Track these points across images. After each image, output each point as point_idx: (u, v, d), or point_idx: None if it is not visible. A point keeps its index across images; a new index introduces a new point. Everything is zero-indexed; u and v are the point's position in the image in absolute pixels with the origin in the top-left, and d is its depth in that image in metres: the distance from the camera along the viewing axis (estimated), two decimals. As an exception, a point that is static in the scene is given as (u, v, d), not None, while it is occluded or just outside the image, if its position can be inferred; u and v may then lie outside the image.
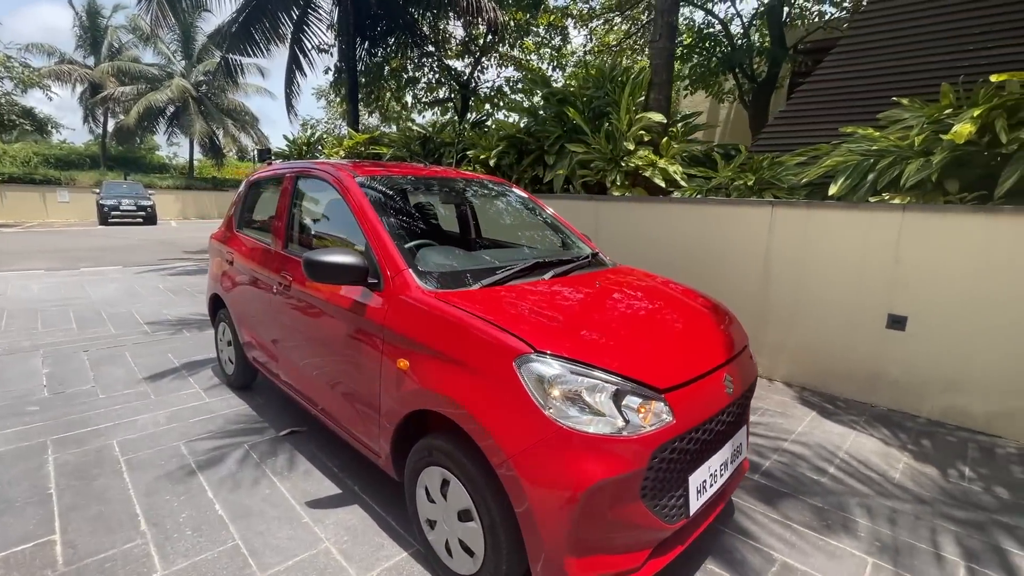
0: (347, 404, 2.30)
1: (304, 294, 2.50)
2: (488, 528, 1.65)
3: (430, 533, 1.94)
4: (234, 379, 3.58)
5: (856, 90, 5.16)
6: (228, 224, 3.59)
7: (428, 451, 1.85)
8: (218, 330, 3.76)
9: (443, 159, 7.37)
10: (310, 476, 2.59)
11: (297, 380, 2.74)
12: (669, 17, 5.71)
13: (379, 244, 2.15)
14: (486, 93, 13.64)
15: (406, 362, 1.89)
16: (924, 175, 3.69)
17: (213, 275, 3.69)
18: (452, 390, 1.70)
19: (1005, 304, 3.17)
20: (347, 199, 2.39)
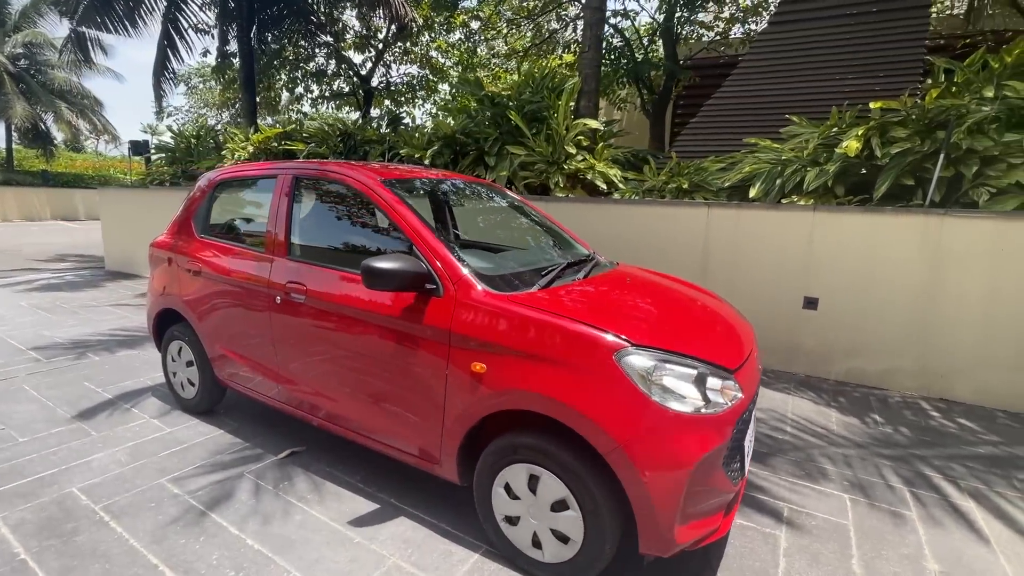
0: (390, 414, 2.25)
1: (329, 304, 2.37)
2: (590, 514, 1.77)
3: (510, 529, 2.00)
4: (197, 403, 3.20)
5: (755, 106, 6.03)
6: (182, 229, 3.18)
7: (511, 450, 1.92)
8: (168, 351, 3.32)
9: (369, 157, 7.10)
10: (339, 495, 2.46)
11: (305, 394, 2.58)
12: (597, 30, 6.14)
13: (430, 249, 2.14)
14: (395, 88, 13.24)
15: (482, 365, 1.93)
16: (822, 181, 4.49)
17: (162, 289, 3.24)
18: (547, 388, 1.79)
19: (887, 284, 4.01)
20: (380, 203, 2.33)
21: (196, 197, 3.17)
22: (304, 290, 2.46)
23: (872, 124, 4.34)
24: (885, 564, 2.11)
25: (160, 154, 9.08)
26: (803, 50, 5.72)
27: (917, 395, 3.99)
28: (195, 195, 3.18)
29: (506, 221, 3.34)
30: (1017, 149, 3.85)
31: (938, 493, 2.63)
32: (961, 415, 3.65)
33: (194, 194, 3.20)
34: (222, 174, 3.12)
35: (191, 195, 3.23)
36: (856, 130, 4.37)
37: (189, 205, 3.20)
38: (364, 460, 2.77)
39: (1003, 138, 3.87)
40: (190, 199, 3.22)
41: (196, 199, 3.16)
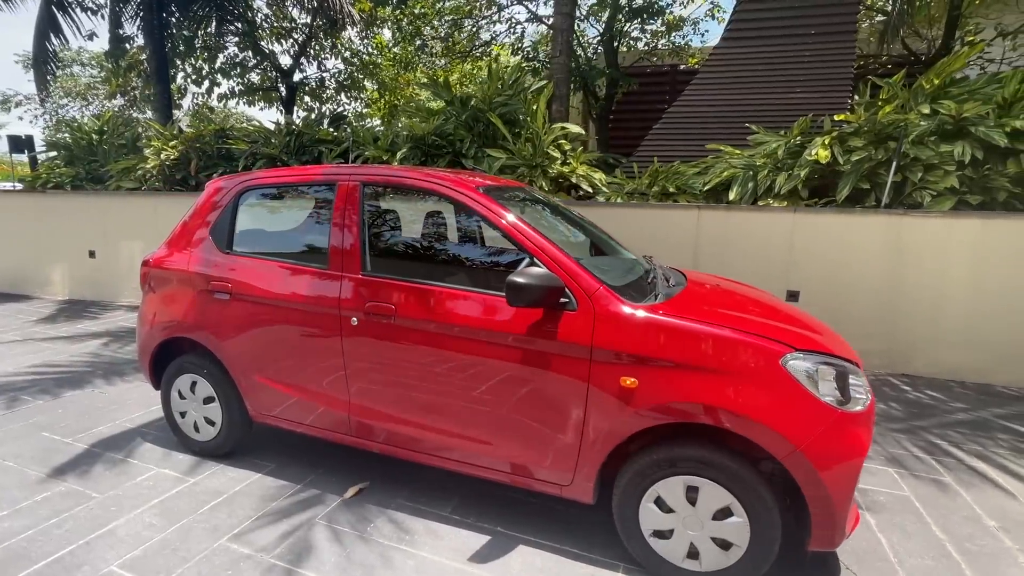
0: (507, 438, 2.12)
1: (429, 324, 2.16)
2: (758, 518, 1.80)
3: (660, 543, 1.97)
4: (217, 445, 2.77)
5: (713, 115, 6.48)
6: (196, 245, 2.71)
7: (668, 463, 1.89)
8: (174, 387, 2.83)
9: (323, 159, 6.58)
10: (436, 532, 2.26)
11: (387, 424, 2.34)
12: (567, 35, 6.22)
13: (556, 261, 2.04)
14: (324, 84, 12.37)
15: (634, 380, 1.88)
16: (792, 185, 4.95)
17: (167, 315, 2.75)
18: (713, 398, 1.79)
19: (858, 276, 4.53)
20: (487, 215, 2.16)
21: (213, 207, 2.72)
22: (392, 310, 2.22)
23: (835, 134, 4.87)
24: (957, 527, 2.38)
25: (51, 152, 7.68)
26: (754, 64, 6.27)
27: (885, 373, 4.55)
28: (211, 204, 2.73)
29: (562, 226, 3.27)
30: (950, 158, 4.53)
31: (954, 459, 3.03)
32: (925, 387, 4.22)
33: (209, 203, 2.74)
34: (250, 180, 2.70)
35: (203, 204, 2.76)
36: (822, 139, 4.87)
37: (203, 216, 2.73)
38: (444, 489, 2.57)
39: (940, 149, 4.53)
40: (203, 209, 2.75)
41: (214, 209, 2.71)
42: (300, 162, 6.65)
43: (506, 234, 2.14)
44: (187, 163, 6.77)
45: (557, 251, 2.07)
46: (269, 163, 6.65)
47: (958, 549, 2.22)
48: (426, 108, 6.41)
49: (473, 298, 2.14)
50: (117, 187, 6.92)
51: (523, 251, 2.12)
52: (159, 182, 6.77)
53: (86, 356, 4.53)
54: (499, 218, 2.16)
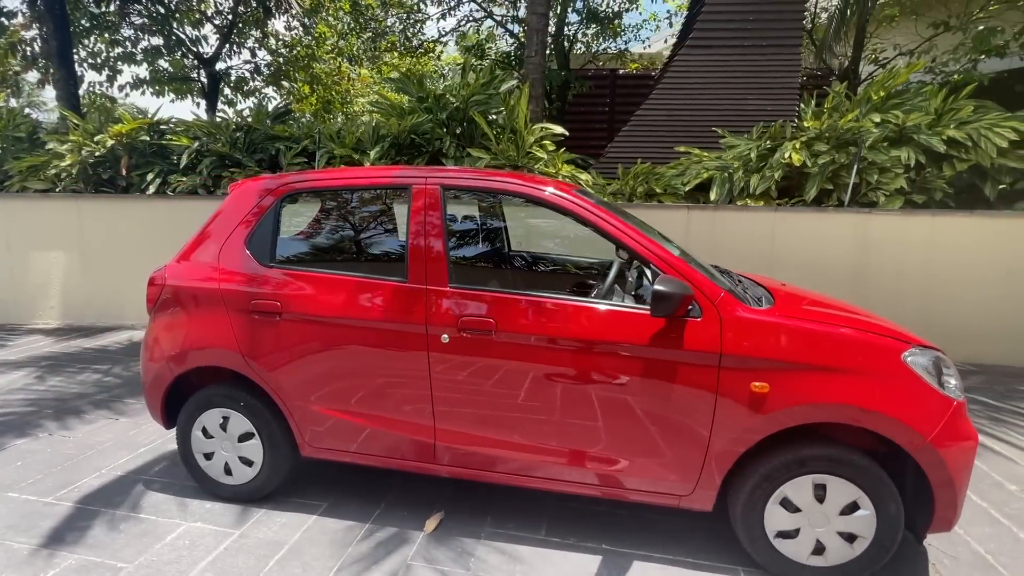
0: (629, 452, 2.04)
1: (537, 338, 2.02)
2: (886, 510, 1.88)
3: (785, 543, 1.99)
4: (255, 487, 2.41)
5: (679, 119, 6.77)
6: (227, 258, 2.32)
7: (797, 463, 1.92)
8: (197, 424, 2.41)
9: (282, 157, 6.02)
10: (548, 558, 2.13)
11: (481, 448, 2.16)
12: (542, 35, 6.19)
13: (677, 267, 1.99)
14: (254, 75, 11.32)
15: (764, 385, 1.88)
16: (766, 185, 5.30)
17: (189, 342, 2.33)
18: (845, 397, 1.84)
19: (831, 269, 4.95)
20: (597, 223, 2.06)
21: (247, 213, 2.34)
22: (492, 324, 2.05)
23: (803, 139, 5.27)
24: (988, 491, 2.66)
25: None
26: (714, 71, 6.63)
27: (854, 356, 5.02)
28: (243, 210, 2.35)
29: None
30: (898, 162, 5.08)
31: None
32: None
33: (240, 209, 2.35)
34: (296, 182, 2.35)
35: (232, 210, 2.37)
36: (792, 144, 5.25)
37: (233, 224, 2.34)
38: (525, 511, 2.43)
39: (890, 154, 5.07)
40: (232, 216, 2.36)
41: (248, 216, 2.34)
42: (255, 161, 6.03)
43: (617, 239, 2.06)
44: (115, 161, 5.87)
45: (674, 257, 2.02)
46: (219, 161, 5.96)
47: (1002, 515, 2.48)
48: (399, 105, 6.07)
49: (586, 309, 2.04)
50: (22, 188, 5.84)
51: (636, 257, 2.05)
52: (80, 183, 5.81)
53: (16, 394, 3.77)
54: (611, 225, 2.07)
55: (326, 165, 5.90)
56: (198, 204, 5.74)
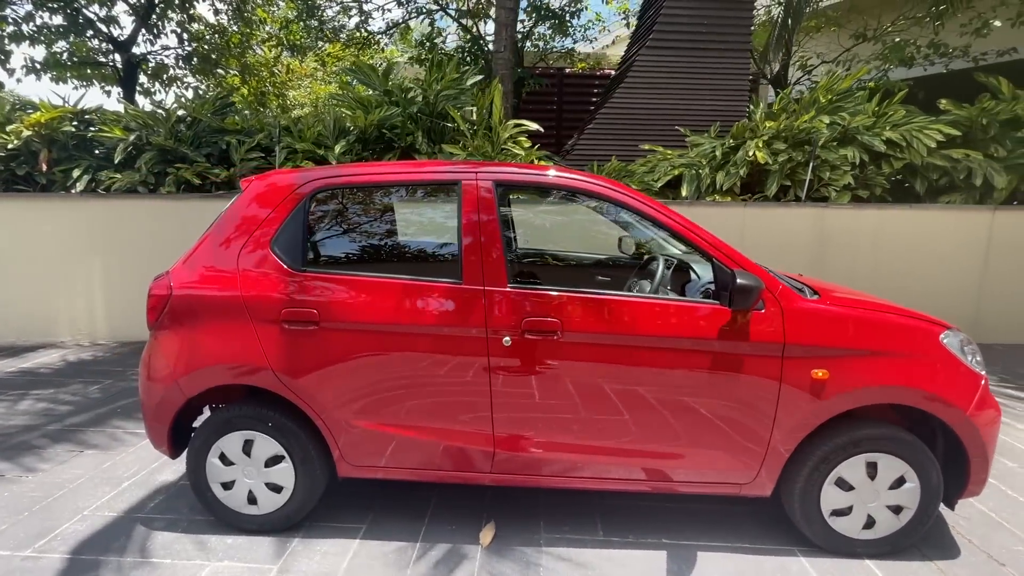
0: (695, 445, 2.05)
1: (604, 336, 1.98)
2: (928, 482, 2.02)
3: (839, 521, 2.09)
4: (287, 514, 2.18)
5: (643, 117, 6.96)
6: (249, 261, 2.06)
7: (852, 444, 2.01)
8: (211, 452, 2.14)
9: (233, 152, 5.54)
10: (614, 559, 2.10)
11: (539, 452, 2.09)
12: (512, 30, 6.12)
13: (742, 261, 2.03)
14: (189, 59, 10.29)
15: (824, 371, 1.97)
16: (732, 182, 5.59)
17: (205, 358, 2.06)
18: (895, 379, 1.97)
19: (792, 262, 5.31)
20: (660, 218, 2.07)
21: (269, 212, 2.09)
22: (557, 325, 1.98)
23: (765, 138, 5.61)
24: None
25: None
26: (673, 72, 6.88)
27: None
28: (264, 209, 2.09)
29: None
30: (845, 160, 5.54)
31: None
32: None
33: (260, 207, 2.09)
34: (326, 178, 2.13)
35: (248, 209, 2.11)
36: (755, 142, 5.57)
37: (254, 224, 2.08)
38: (575, 513, 2.39)
39: (839, 152, 5.52)
40: (250, 215, 2.09)
41: (270, 215, 2.08)
42: (203, 156, 5.49)
43: (678, 234, 2.07)
44: (32, 155, 5.12)
45: (737, 252, 2.06)
46: (160, 156, 5.37)
47: (1003, 484, 2.74)
48: (366, 99, 5.76)
49: (652, 305, 2.02)
50: (-90, 188, 4.94)
51: (697, 251, 2.07)
52: (-12, 180, 5.01)
53: (-63, 429, 3.18)
54: (671, 221, 2.07)
55: (285, 161, 5.50)
56: (141, 204, 5.15)
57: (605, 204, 2.14)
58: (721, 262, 2.01)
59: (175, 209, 5.15)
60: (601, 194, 2.13)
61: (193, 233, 5.11)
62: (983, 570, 2.06)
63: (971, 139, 5.61)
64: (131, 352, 4.79)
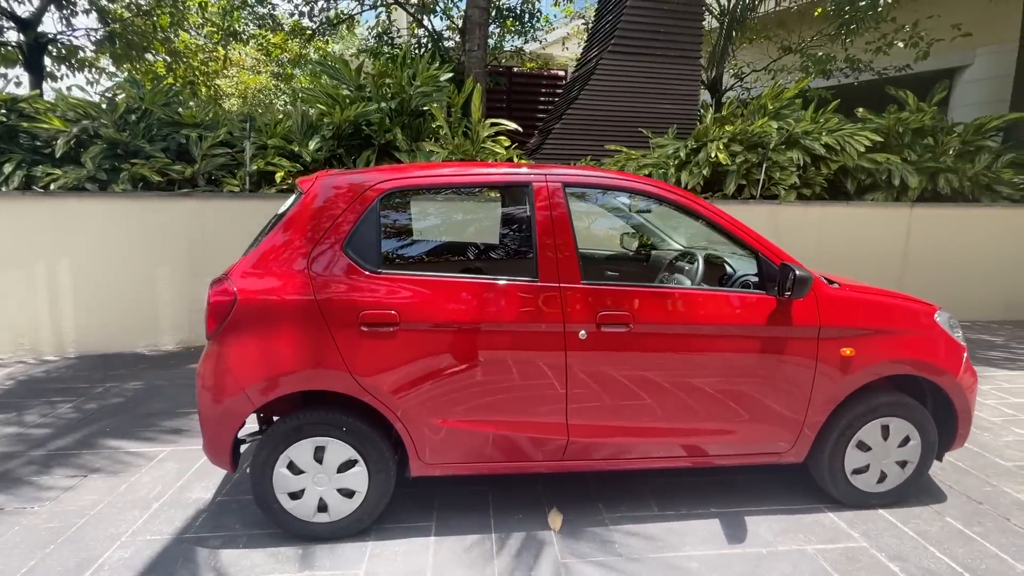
0: (748, 421, 2.29)
1: (670, 327, 2.17)
2: (926, 438, 2.40)
3: (858, 479, 2.41)
4: (359, 518, 2.17)
5: (608, 119, 7.26)
6: (321, 264, 2.02)
7: (871, 411, 2.34)
8: (279, 462, 2.08)
9: (194, 146, 5.18)
10: (675, 530, 2.29)
11: (606, 439, 2.24)
12: (484, 29, 6.17)
13: (784, 256, 2.28)
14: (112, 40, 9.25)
15: (851, 349, 2.27)
16: (696, 181, 6.03)
17: (276, 366, 1.99)
18: (906, 353, 2.32)
19: (754, 253, 5.85)
20: (706, 214, 2.27)
21: (340, 212, 2.04)
22: (629, 318, 2.13)
23: (725, 140, 6.09)
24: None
25: None
26: (633, 77, 7.24)
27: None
28: (334, 209, 2.04)
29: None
30: (791, 162, 6.15)
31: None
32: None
33: (329, 208, 2.04)
34: (398, 179, 2.10)
35: (316, 209, 2.04)
36: (716, 144, 6.03)
37: (324, 225, 2.03)
38: (626, 490, 2.57)
39: (786, 155, 6.12)
40: (319, 216, 2.04)
41: (341, 216, 2.04)
42: (160, 149, 5.06)
43: (729, 232, 2.29)
44: (-47, 148, 4.47)
45: (778, 248, 2.31)
46: (109, 150, 4.90)
47: None
48: (340, 94, 5.57)
49: (708, 297, 2.23)
50: None
51: (745, 247, 2.29)
52: None
53: None
54: (722, 218, 2.28)
55: (254, 156, 5.21)
56: (93, 204, 4.67)
57: (666, 205, 2.33)
58: (768, 257, 2.25)
59: (135, 209, 4.72)
60: (663, 196, 2.31)
61: (160, 236, 4.77)
62: (968, 509, 2.47)
63: (888, 145, 6.43)
64: (92, 365, 4.36)
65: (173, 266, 4.79)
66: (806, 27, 10.03)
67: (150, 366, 4.38)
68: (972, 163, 6.38)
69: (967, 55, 10.96)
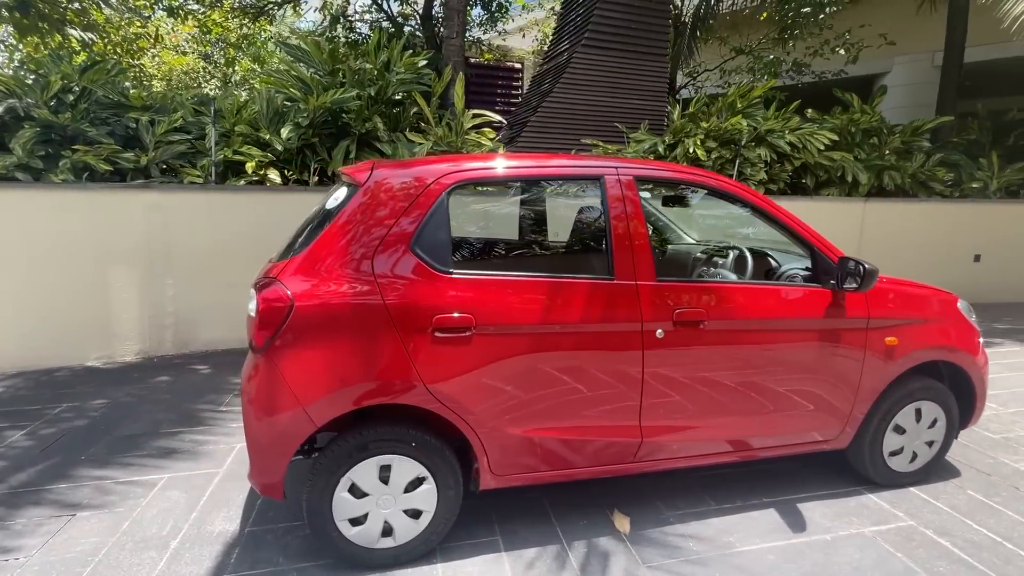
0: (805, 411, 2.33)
1: (742, 323, 2.16)
2: (951, 418, 2.56)
3: (895, 460, 2.54)
4: (425, 539, 2.00)
5: (582, 113, 7.24)
6: (389, 264, 1.81)
7: (907, 396, 2.47)
8: (339, 486, 1.86)
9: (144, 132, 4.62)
10: (736, 524, 2.30)
11: (684, 434, 2.21)
12: (462, 16, 5.94)
13: (836, 251, 2.33)
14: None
15: (894, 339, 2.38)
16: (673, 176, 6.17)
17: (341, 379, 1.77)
18: (940, 340, 2.47)
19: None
20: (769, 209, 2.27)
21: (404, 207, 1.83)
22: (703, 314, 2.09)
23: (701, 136, 6.26)
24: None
25: None
26: (607, 72, 7.28)
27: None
28: (397, 205, 1.83)
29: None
30: (760, 158, 6.44)
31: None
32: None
33: (392, 203, 1.83)
34: (463, 170, 1.91)
35: (375, 205, 1.83)
36: (694, 139, 6.19)
37: (390, 223, 1.81)
38: (679, 487, 2.55)
39: (756, 151, 6.40)
40: (379, 211, 1.82)
41: (405, 211, 1.83)
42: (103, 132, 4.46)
43: (790, 228, 2.30)
44: None
45: (831, 243, 2.35)
46: (44, 133, 4.25)
47: None
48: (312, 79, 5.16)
49: (772, 291, 2.24)
50: None
51: (803, 242, 2.32)
52: None
53: None
54: (781, 213, 2.29)
55: (217, 143, 4.72)
56: (28, 196, 4.03)
57: (738, 204, 2.33)
58: (824, 252, 2.30)
59: (81, 202, 4.13)
60: (732, 192, 2.29)
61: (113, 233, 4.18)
62: (981, 481, 2.68)
63: (841, 144, 6.90)
64: (36, 383, 3.77)
65: (129, 267, 4.25)
66: (754, 30, 10.57)
67: (109, 381, 3.86)
68: (910, 162, 6.99)
69: (887, 63, 12.00)
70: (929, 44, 10.96)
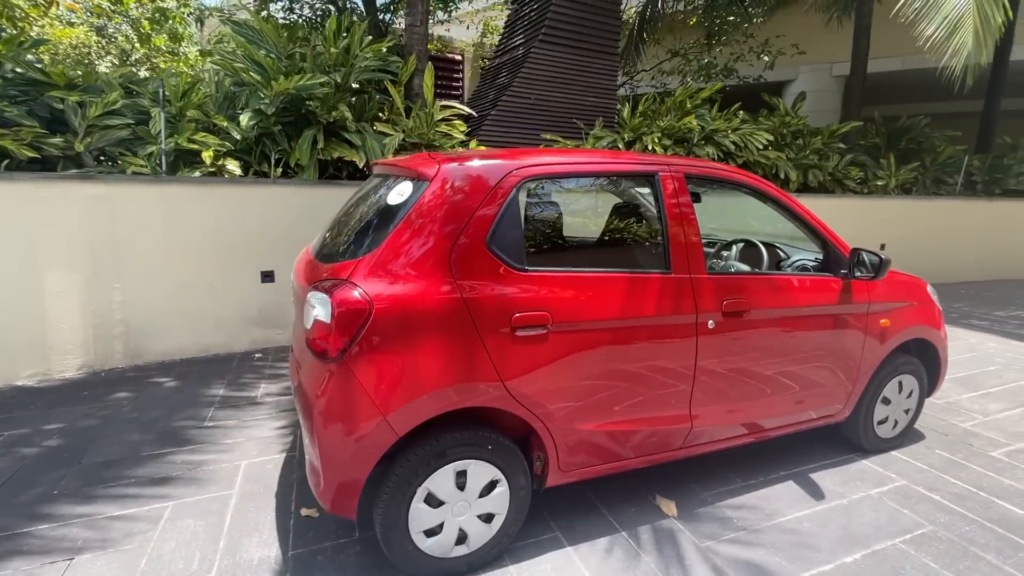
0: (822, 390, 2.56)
1: (777, 311, 2.33)
2: (922, 385, 2.93)
3: (881, 428, 2.86)
4: (498, 541, 1.97)
5: (540, 108, 7.27)
6: (464, 262, 1.73)
7: (892, 371, 2.79)
8: (416, 497, 1.77)
9: (72, 115, 4.05)
10: (766, 498, 2.48)
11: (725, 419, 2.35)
12: (426, 3, 5.74)
13: (845, 245, 2.56)
14: None
15: (887, 320, 2.67)
16: (633, 172, 6.43)
17: (420, 385, 1.67)
18: (919, 320, 2.80)
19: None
20: (794, 207, 2.44)
21: (478, 204, 1.75)
22: (747, 305, 2.22)
23: (658, 134, 6.55)
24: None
25: None
26: (563, 69, 7.36)
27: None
28: (470, 201, 1.74)
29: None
30: (708, 157, 6.87)
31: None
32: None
33: (464, 200, 1.74)
34: (531, 164, 1.84)
35: (445, 201, 1.73)
36: (652, 136, 6.47)
37: (464, 219, 1.72)
38: (705, 469, 2.69)
39: (705, 150, 6.81)
40: (450, 208, 1.72)
41: (481, 208, 1.75)
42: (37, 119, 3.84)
43: (810, 224, 2.50)
44: None
45: (840, 238, 2.58)
46: (-51, 115, 3.57)
47: None
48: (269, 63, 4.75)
49: (800, 281, 2.42)
50: None
51: (819, 237, 2.53)
52: None
53: None
54: (796, 205, 2.47)
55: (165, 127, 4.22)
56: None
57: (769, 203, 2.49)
58: (836, 244, 2.52)
59: (8, 195, 3.52)
60: (765, 190, 2.43)
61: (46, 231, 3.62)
62: (943, 442, 3.09)
63: (774, 144, 7.54)
64: (-44, 412, 3.18)
65: (68, 270, 3.69)
66: (687, 34, 11.20)
67: (53, 402, 3.35)
68: (829, 161, 7.80)
69: (793, 71, 13.25)
70: (829, 56, 12.25)
